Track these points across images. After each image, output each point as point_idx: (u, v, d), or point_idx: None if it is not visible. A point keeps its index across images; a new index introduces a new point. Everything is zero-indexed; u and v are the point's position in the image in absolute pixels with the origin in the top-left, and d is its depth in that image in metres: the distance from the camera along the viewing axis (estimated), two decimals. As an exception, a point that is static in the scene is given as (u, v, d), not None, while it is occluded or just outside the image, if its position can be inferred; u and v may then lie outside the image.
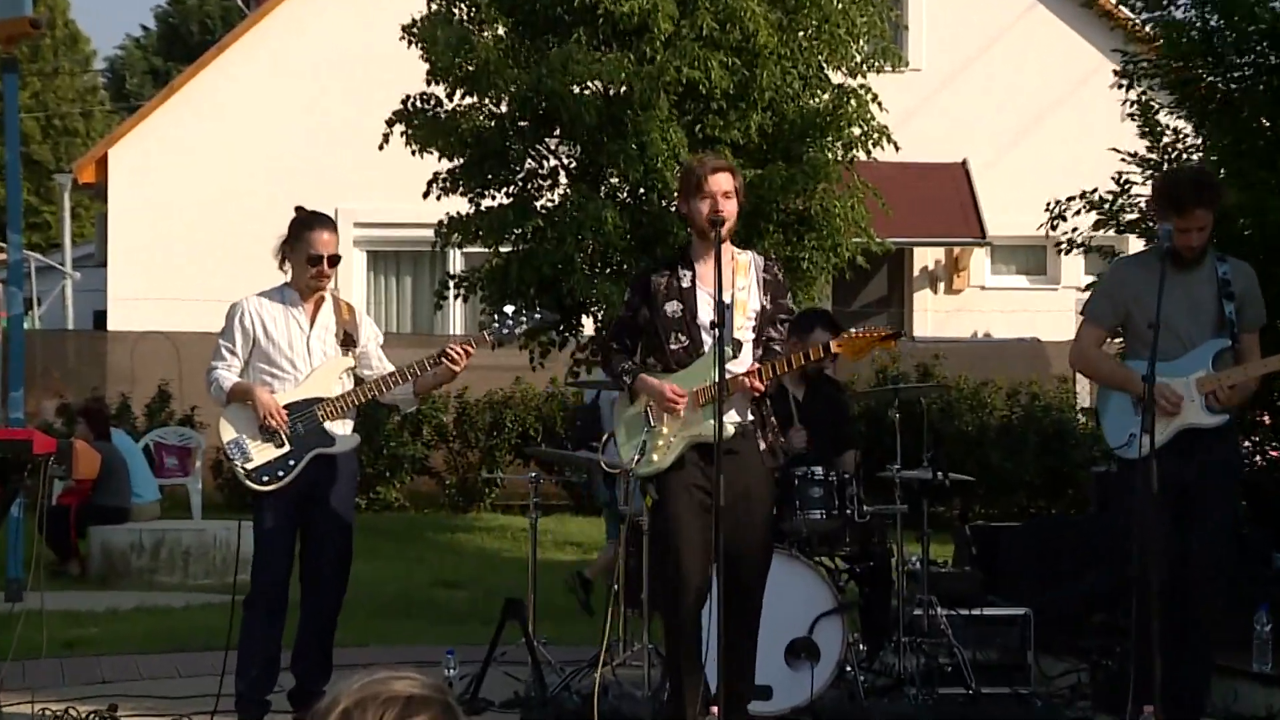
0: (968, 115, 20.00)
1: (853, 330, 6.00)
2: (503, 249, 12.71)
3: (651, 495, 6.02)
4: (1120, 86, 9.31)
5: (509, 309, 6.64)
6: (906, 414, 8.09)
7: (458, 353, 6.43)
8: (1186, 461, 5.96)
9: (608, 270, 12.29)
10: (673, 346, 5.94)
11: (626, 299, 6.17)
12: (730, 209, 5.89)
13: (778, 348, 5.97)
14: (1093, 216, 9.36)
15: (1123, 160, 9.10)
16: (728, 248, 5.89)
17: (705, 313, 5.85)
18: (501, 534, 14.56)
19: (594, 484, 10.56)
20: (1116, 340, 6.89)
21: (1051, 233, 9.72)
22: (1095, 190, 9.31)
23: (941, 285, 20.57)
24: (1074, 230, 9.51)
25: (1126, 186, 9.21)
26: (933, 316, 20.31)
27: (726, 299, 5.77)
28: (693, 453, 5.85)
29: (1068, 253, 9.72)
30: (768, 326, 5.98)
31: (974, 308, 20.14)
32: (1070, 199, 9.40)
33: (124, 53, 47.54)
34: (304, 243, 6.47)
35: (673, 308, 5.94)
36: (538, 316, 6.74)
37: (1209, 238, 6.11)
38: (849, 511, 7.08)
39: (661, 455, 5.87)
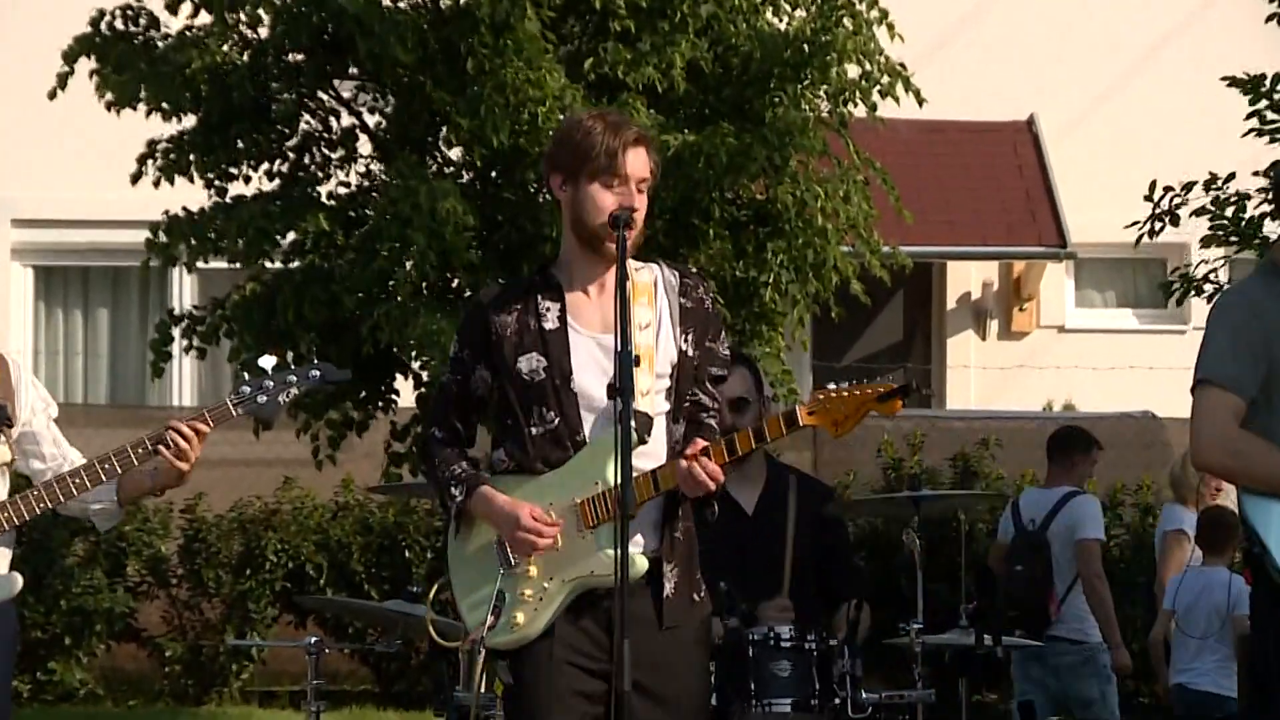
0: (1036, 48, 20.25)
1: (831, 387, 5.94)
2: (266, 265, 12.69)
3: (502, 679, 6.02)
4: None
5: (268, 362, 6.66)
6: (935, 539, 8.13)
7: (185, 434, 6.44)
8: None
9: (438, 299, 12.26)
10: (534, 430, 5.95)
11: (452, 354, 6.20)
12: (641, 204, 5.97)
13: (712, 421, 6.03)
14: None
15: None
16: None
17: (587, 372, 5.89)
18: (261, 742, 14.55)
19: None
20: None
21: (1148, 237, 9.86)
22: (1228, 179, 9.43)
23: (994, 325, 20.75)
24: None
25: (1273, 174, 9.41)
26: (980, 376, 20.48)
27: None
28: (581, 606, 5.89)
29: (1181, 296, 9.86)
30: (691, 387, 6.01)
31: (1048, 361, 20.32)
32: (1189, 185, 9.56)
33: None
34: None
35: (530, 364, 5.96)
36: (316, 375, 6.74)
37: None
38: (838, 700, 7.13)
39: (531, 615, 5.90)
